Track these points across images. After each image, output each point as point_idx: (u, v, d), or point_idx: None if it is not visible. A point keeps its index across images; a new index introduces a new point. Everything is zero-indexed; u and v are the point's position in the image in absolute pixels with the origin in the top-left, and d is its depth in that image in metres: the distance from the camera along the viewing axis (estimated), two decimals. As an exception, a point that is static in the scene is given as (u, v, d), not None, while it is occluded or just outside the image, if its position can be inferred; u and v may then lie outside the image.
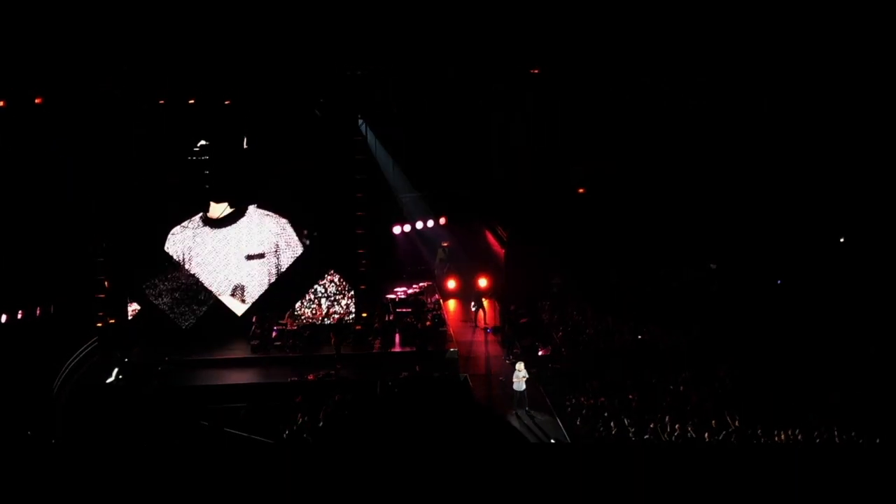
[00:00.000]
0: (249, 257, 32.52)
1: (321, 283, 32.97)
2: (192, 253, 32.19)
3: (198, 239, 32.25)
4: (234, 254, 32.47)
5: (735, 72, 33.71)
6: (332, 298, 33.02)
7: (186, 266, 32.08)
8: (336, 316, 32.88)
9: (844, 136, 35.02)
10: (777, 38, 32.18)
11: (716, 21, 32.12)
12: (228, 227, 32.42)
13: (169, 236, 32.04)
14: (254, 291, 32.67)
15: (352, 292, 33.00)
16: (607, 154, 36.79)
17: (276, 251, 32.69)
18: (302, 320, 32.42)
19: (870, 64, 32.71)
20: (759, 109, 34.88)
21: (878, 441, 21.72)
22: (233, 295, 32.51)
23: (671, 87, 34.43)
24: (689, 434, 22.52)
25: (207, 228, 32.31)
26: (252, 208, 32.50)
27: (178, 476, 7.40)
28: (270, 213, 32.64)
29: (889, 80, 32.95)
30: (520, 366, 26.39)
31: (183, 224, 32.15)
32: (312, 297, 32.96)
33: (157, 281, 32.09)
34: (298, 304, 32.79)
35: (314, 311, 32.87)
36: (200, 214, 32.24)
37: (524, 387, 26.11)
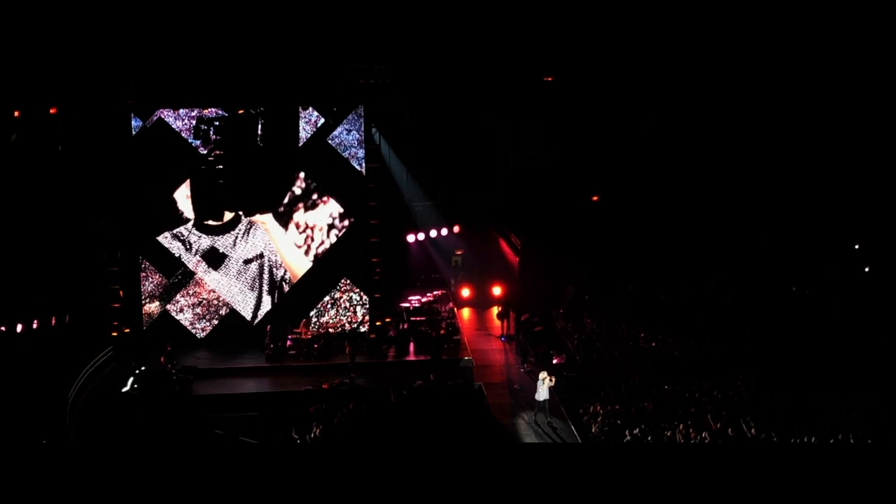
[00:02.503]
0: (247, 262, 32.55)
1: (335, 291, 32.95)
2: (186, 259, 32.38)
3: (193, 245, 32.37)
4: (234, 259, 32.59)
5: (746, 78, 33.69)
6: (348, 307, 33.02)
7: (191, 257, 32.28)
8: (361, 326, 32.90)
9: (858, 141, 34.90)
10: (785, 44, 32.17)
11: (728, 29, 32.14)
12: (226, 234, 32.53)
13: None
14: (267, 300, 32.74)
15: (366, 301, 33.00)
16: (622, 163, 36.66)
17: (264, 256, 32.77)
18: (316, 329, 32.39)
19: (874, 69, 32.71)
20: (772, 117, 34.78)
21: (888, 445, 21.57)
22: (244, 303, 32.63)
23: (685, 94, 34.43)
24: (705, 441, 22.44)
25: (202, 234, 32.39)
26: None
27: (192, 483, 7.40)
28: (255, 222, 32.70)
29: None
30: (543, 374, 26.06)
31: (173, 232, 32.27)
32: (327, 305, 32.95)
33: (178, 296, 32.23)
34: (313, 312, 32.77)
35: (330, 320, 32.86)
36: (192, 221, 32.27)
37: (546, 396, 25.81)
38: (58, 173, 29.82)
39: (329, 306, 33.01)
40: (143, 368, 28.40)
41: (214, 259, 32.42)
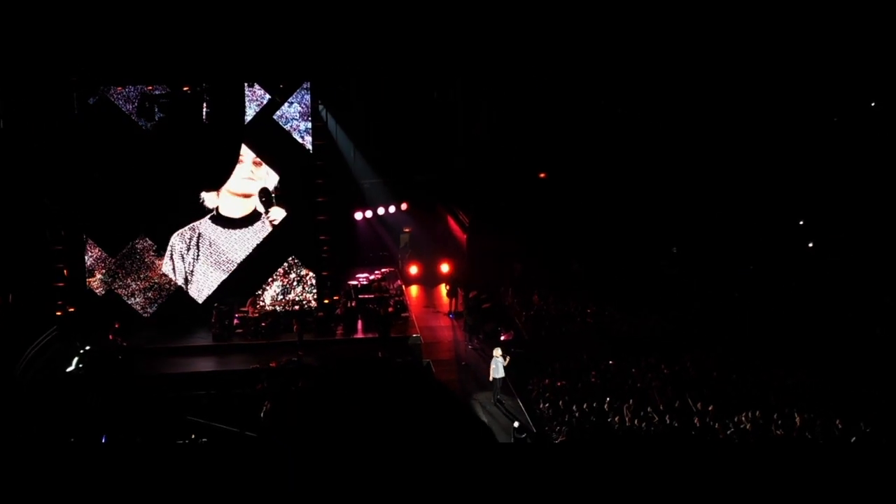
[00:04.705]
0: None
1: (283, 269, 32.78)
2: (192, 254, 32.13)
3: (202, 238, 32.21)
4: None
5: (691, 55, 33.95)
6: (294, 285, 32.87)
7: (182, 265, 31.90)
8: (298, 303, 32.77)
9: (801, 120, 35.32)
10: (728, 23, 32.49)
11: (674, 17, 32.39)
12: (243, 229, 32.36)
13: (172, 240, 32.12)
14: (216, 278, 32.51)
15: (314, 279, 32.87)
16: (569, 140, 36.72)
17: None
18: (263, 307, 32.25)
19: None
20: (717, 96, 35.07)
21: (838, 424, 21.92)
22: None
23: (633, 75, 34.61)
24: (650, 414, 22.70)
25: (217, 227, 32.27)
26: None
27: (144, 466, 7.32)
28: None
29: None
30: (497, 352, 25.85)
31: (187, 228, 32.15)
32: (274, 283, 32.78)
33: (129, 281, 31.91)
34: (260, 290, 32.60)
35: (276, 298, 32.71)
36: (211, 214, 32.17)
37: (502, 374, 25.90)
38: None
39: (295, 283, 32.87)
40: (87, 348, 28.13)
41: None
